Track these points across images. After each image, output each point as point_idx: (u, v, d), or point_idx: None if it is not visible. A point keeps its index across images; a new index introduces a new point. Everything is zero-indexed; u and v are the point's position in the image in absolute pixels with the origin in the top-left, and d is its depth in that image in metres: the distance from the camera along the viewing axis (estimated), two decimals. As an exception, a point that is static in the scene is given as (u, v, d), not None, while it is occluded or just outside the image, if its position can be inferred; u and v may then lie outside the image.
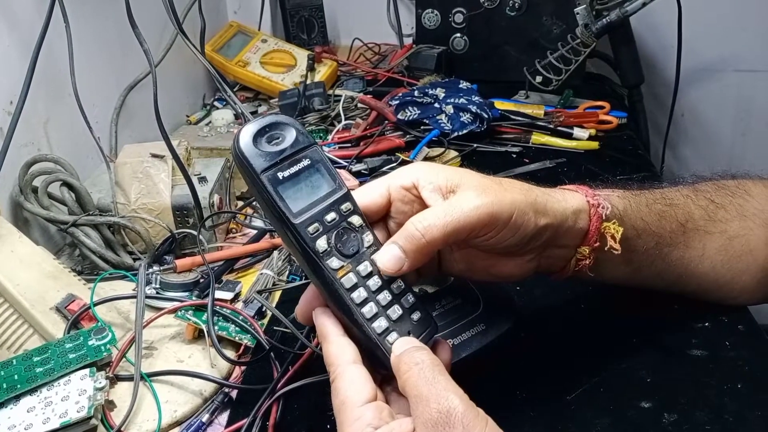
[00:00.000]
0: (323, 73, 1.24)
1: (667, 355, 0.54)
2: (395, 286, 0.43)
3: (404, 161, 0.94)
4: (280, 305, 0.66)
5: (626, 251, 0.49)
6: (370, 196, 0.45)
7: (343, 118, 1.08)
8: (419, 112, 1.02)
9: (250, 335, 0.58)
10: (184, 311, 0.59)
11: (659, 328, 0.56)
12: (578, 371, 0.52)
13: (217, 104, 1.21)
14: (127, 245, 0.73)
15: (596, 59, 1.32)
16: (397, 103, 1.05)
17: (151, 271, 0.66)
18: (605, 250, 0.48)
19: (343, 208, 0.42)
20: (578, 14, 1.09)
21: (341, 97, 1.13)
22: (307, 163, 0.42)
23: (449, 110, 1.01)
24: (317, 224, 0.41)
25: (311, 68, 1.23)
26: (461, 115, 1.00)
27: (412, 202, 0.45)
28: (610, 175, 0.89)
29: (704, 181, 0.57)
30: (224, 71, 1.22)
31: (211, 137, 0.97)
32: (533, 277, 0.50)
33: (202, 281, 0.66)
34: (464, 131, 0.99)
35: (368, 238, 0.43)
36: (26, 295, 0.57)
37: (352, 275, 0.41)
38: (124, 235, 0.73)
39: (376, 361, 0.42)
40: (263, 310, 0.63)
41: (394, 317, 0.42)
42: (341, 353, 0.41)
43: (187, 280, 0.65)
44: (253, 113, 1.15)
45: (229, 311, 0.60)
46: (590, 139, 1.00)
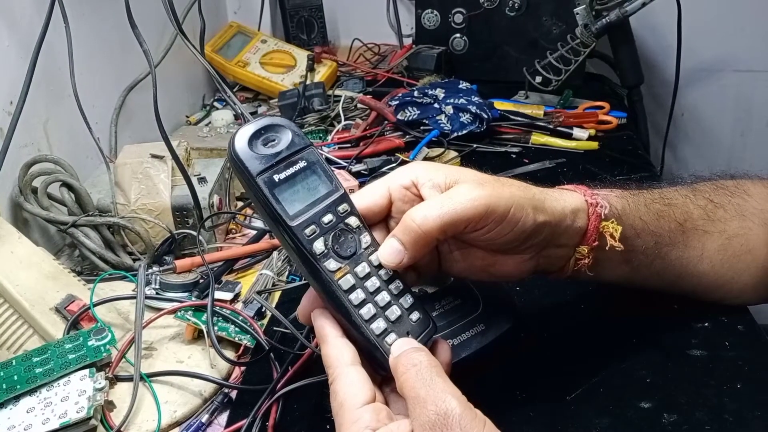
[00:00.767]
0: (323, 73, 1.24)
1: (666, 355, 0.54)
2: (393, 286, 0.43)
3: (404, 161, 0.94)
4: (279, 306, 0.66)
5: (626, 251, 0.49)
6: (370, 197, 0.45)
7: (342, 118, 1.08)
8: (419, 112, 1.02)
9: (249, 336, 0.58)
10: (183, 312, 0.59)
11: (659, 328, 0.56)
12: (578, 371, 0.52)
13: (216, 105, 1.21)
14: (126, 246, 0.73)
15: (596, 59, 1.32)
16: (396, 103, 1.05)
17: (150, 271, 0.66)
18: (605, 249, 0.48)
19: (340, 209, 0.42)
20: (578, 14, 1.09)
21: (341, 97, 1.13)
22: (303, 164, 0.42)
23: (449, 110, 1.01)
24: (314, 226, 0.41)
25: (311, 68, 1.23)
26: (461, 115, 1.00)
27: (412, 201, 0.45)
28: (609, 175, 0.89)
29: (703, 181, 0.57)
30: (224, 72, 1.22)
31: (210, 138, 0.97)
32: (532, 277, 0.50)
33: (201, 282, 0.66)
34: (464, 131, 0.99)
35: (366, 239, 0.43)
36: (26, 295, 0.57)
37: (349, 276, 0.41)
38: (123, 235, 0.73)
39: (375, 362, 0.41)
40: (263, 310, 0.63)
41: (392, 318, 0.42)
42: (340, 355, 0.41)
43: (186, 280, 0.65)
44: (252, 113, 1.15)
45: (228, 312, 0.60)
46: (590, 139, 1.00)
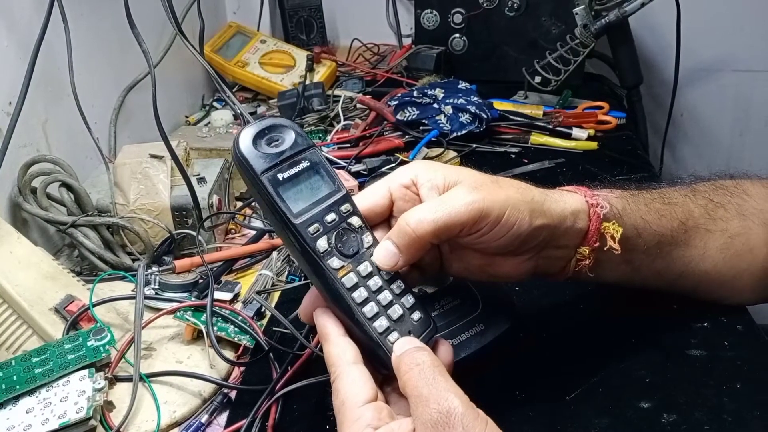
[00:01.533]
0: (322, 73, 1.24)
1: (666, 355, 0.54)
2: (395, 286, 0.43)
3: (403, 162, 0.94)
4: (279, 306, 0.66)
5: (627, 251, 0.49)
6: (372, 198, 0.45)
7: (342, 118, 1.08)
8: (418, 112, 1.02)
9: (249, 336, 0.58)
10: (183, 312, 0.59)
11: (658, 328, 0.56)
12: (577, 371, 0.52)
13: (216, 105, 1.21)
14: (126, 246, 0.73)
15: (595, 59, 1.32)
16: (396, 103, 1.05)
17: (150, 271, 0.66)
18: (605, 250, 0.48)
19: (342, 209, 0.43)
20: (577, 14, 1.09)
21: (340, 97, 1.13)
22: (306, 164, 0.42)
23: (448, 110, 1.01)
24: (317, 224, 0.41)
25: (310, 69, 1.23)
26: (460, 115, 1.00)
27: (413, 200, 0.46)
28: (609, 175, 0.89)
29: (702, 181, 0.57)
30: (223, 72, 1.22)
31: (210, 138, 0.97)
32: (532, 278, 0.50)
33: (201, 282, 0.66)
34: (463, 131, 0.99)
35: (368, 238, 0.43)
36: (25, 295, 0.57)
37: (352, 275, 0.42)
38: (123, 235, 0.73)
39: (377, 360, 0.42)
40: (262, 310, 0.63)
41: (394, 317, 0.42)
42: (342, 353, 0.41)
43: (186, 280, 0.65)
44: (252, 114, 1.15)
45: (228, 312, 0.60)
46: (589, 139, 1.00)
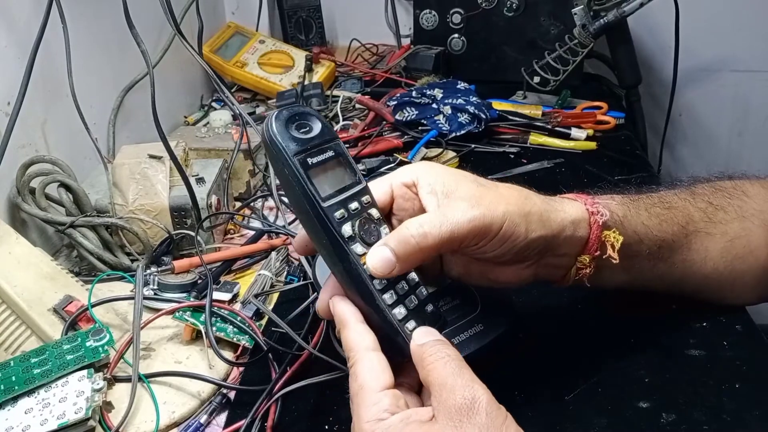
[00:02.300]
0: (321, 73, 1.24)
1: (665, 355, 0.54)
2: (410, 278, 0.44)
3: (402, 162, 0.94)
4: (277, 306, 0.66)
5: (628, 257, 0.49)
6: (374, 192, 0.46)
7: (341, 118, 1.08)
8: (417, 112, 1.02)
9: (248, 336, 0.58)
10: (182, 312, 0.59)
11: (657, 328, 0.56)
12: (576, 371, 0.52)
13: (214, 105, 1.21)
14: (124, 246, 0.73)
15: (594, 59, 1.32)
16: (395, 103, 1.05)
17: (148, 272, 0.66)
18: (604, 258, 0.48)
19: (364, 199, 0.44)
20: (576, 14, 1.09)
21: (339, 97, 1.13)
22: (332, 154, 0.43)
23: (447, 111, 1.01)
24: (343, 210, 0.42)
25: (309, 69, 1.23)
26: (459, 115, 1.00)
27: (412, 199, 0.46)
28: (608, 175, 0.89)
29: (701, 183, 0.57)
30: (222, 72, 1.21)
31: (208, 138, 0.97)
32: (532, 284, 0.50)
33: (200, 282, 0.66)
34: (462, 132, 0.99)
35: (385, 230, 0.44)
36: (24, 296, 0.57)
37: None
38: (121, 236, 0.73)
39: (395, 347, 0.42)
40: (261, 311, 0.63)
41: (411, 306, 0.43)
42: (361, 339, 0.41)
43: (185, 281, 0.65)
44: (250, 114, 1.15)
45: (227, 312, 0.60)
46: (588, 139, 1.00)
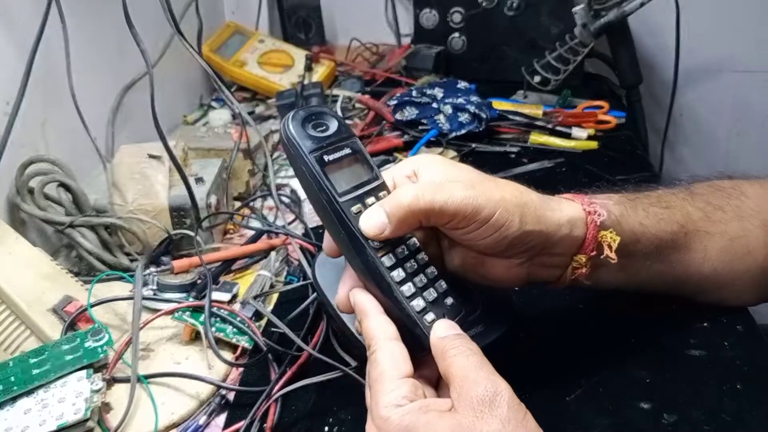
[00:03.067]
0: (321, 73, 1.24)
1: (665, 355, 0.54)
2: (429, 271, 0.45)
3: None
4: (277, 306, 0.66)
5: (625, 256, 0.49)
6: None
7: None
8: (417, 112, 1.02)
9: (247, 337, 0.58)
10: (181, 312, 0.59)
11: (658, 328, 0.56)
12: (577, 372, 0.52)
13: (214, 104, 1.21)
14: (123, 246, 0.73)
15: (594, 59, 1.32)
16: (395, 103, 1.04)
17: (148, 272, 0.65)
18: (601, 258, 0.48)
19: (381, 195, 0.44)
20: (576, 14, 1.09)
21: (339, 97, 1.13)
22: (348, 151, 0.44)
23: (447, 110, 1.01)
24: (360, 205, 0.43)
25: (309, 68, 1.23)
26: (459, 115, 1.00)
27: None
28: (608, 174, 0.88)
29: (700, 182, 0.57)
30: (221, 71, 1.21)
31: (208, 137, 0.97)
32: (528, 285, 0.50)
33: (199, 282, 0.66)
34: (462, 131, 0.99)
35: None
36: (23, 296, 0.57)
37: (391, 255, 0.43)
38: (120, 236, 0.72)
39: (414, 340, 0.42)
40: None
41: (429, 299, 0.44)
42: (383, 329, 0.42)
43: (184, 281, 0.65)
44: (250, 113, 1.15)
45: (226, 312, 0.60)
46: (589, 138, 1.00)
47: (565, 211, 0.47)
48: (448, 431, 0.36)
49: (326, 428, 0.49)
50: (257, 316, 0.63)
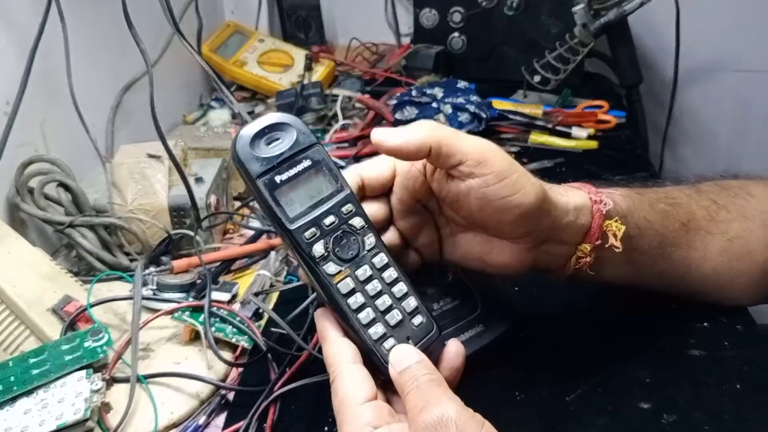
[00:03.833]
0: (321, 72, 1.24)
1: (665, 355, 0.53)
2: (397, 289, 0.42)
3: (402, 161, 0.93)
4: (277, 306, 0.66)
5: (628, 250, 0.49)
6: (375, 168, 0.46)
7: (340, 118, 1.08)
8: (417, 111, 1.02)
9: (247, 337, 0.58)
10: (180, 312, 0.59)
11: (658, 328, 0.56)
12: (577, 372, 0.52)
13: (213, 104, 1.20)
14: (123, 246, 0.73)
15: (594, 59, 1.32)
16: (395, 102, 1.04)
17: (147, 272, 0.66)
18: (605, 248, 0.48)
19: (343, 210, 0.42)
20: (576, 14, 1.09)
21: (339, 96, 1.13)
22: (307, 164, 0.41)
23: (447, 110, 1.01)
24: (314, 229, 0.41)
25: (309, 68, 1.23)
26: (459, 114, 1.00)
27: (414, 177, 0.46)
28: (609, 174, 0.88)
29: (707, 181, 0.57)
30: (221, 71, 1.21)
31: (207, 137, 0.97)
32: (531, 275, 0.50)
33: (198, 282, 0.66)
34: (462, 131, 0.99)
35: (370, 240, 0.42)
36: (23, 296, 0.57)
37: (349, 280, 0.41)
38: (120, 236, 0.72)
39: (372, 366, 0.41)
40: (260, 311, 0.63)
41: (392, 323, 0.41)
42: (340, 353, 0.40)
43: (183, 281, 0.65)
44: (250, 113, 1.15)
45: (226, 312, 0.60)
46: (589, 138, 1.00)
47: (571, 197, 0.47)
48: None
49: (326, 428, 0.49)
50: (257, 316, 0.63)
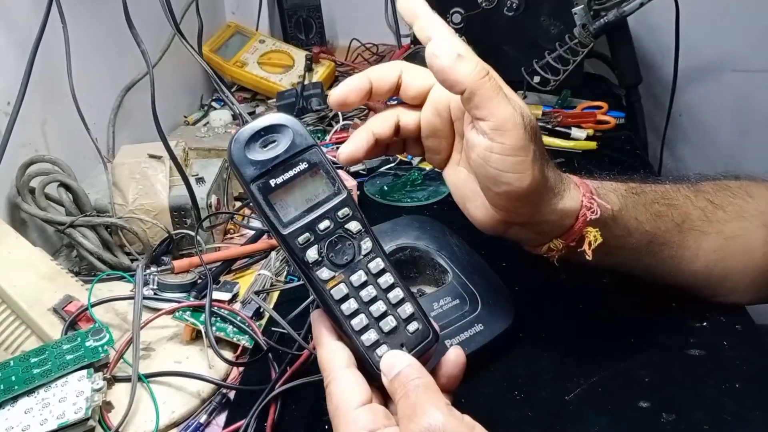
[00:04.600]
0: (321, 73, 1.24)
1: (665, 354, 0.54)
2: (392, 295, 0.42)
3: (402, 161, 0.94)
4: (277, 306, 0.66)
5: (614, 246, 0.49)
6: (382, 71, 0.48)
7: (341, 118, 1.08)
8: (417, 112, 1.02)
9: (247, 336, 0.58)
10: (181, 312, 0.59)
11: (658, 327, 0.56)
12: (576, 371, 0.52)
13: (214, 105, 1.21)
14: (124, 246, 0.73)
15: (594, 59, 1.32)
16: (395, 103, 1.04)
17: (148, 272, 0.66)
18: (579, 251, 0.48)
19: (340, 214, 0.41)
20: (576, 14, 1.09)
21: (339, 97, 1.13)
22: (303, 167, 0.40)
23: (447, 110, 1.01)
24: (308, 233, 0.40)
25: (309, 69, 1.23)
26: (459, 115, 1.00)
27: (420, 77, 0.49)
28: (608, 174, 0.88)
29: (707, 180, 0.57)
30: (222, 72, 1.21)
31: (208, 138, 0.97)
32: (535, 275, 0.50)
33: (199, 282, 0.66)
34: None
35: (366, 245, 0.42)
36: (24, 296, 0.57)
37: (342, 286, 0.40)
38: (121, 236, 0.73)
39: (365, 371, 0.41)
40: (261, 311, 0.63)
41: (386, 329, 0.41)
42: (335, 358, 0.40)
43: (184, 281, 0.65)
44: (250, 114, 1.15)
45: (226, 312, 0.60)
46: (588, 139, 1.00)
47: (567, 203, 0.46)
48: None
49: (326, 427, 0.49)
50: (257, 315, 0.63)
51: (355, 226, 0.42)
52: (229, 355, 0.58)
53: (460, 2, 1.24)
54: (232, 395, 0.55)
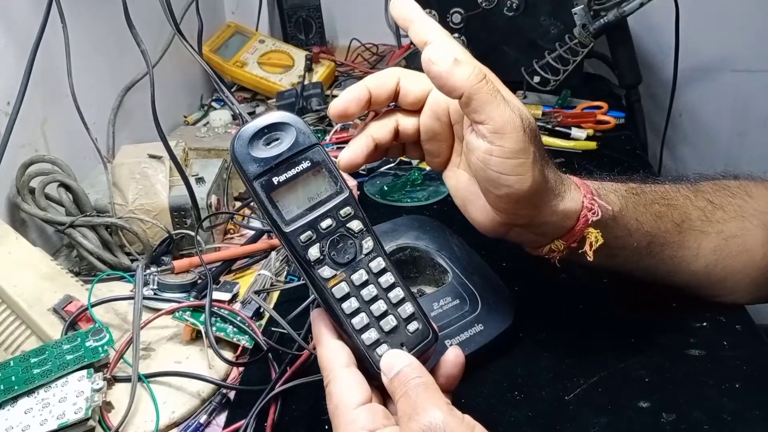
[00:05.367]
0: (321, 73, 1.24)
1: (665, 355, 0.54)
2: (393, 294, 0.42)
3: (402, 161, 0.94)
4: (277, 306, 0.66)
5: (615, 247, 0.49)
6: (380, 78, 0.47)
7: (341, 118, 1.08)
8: (417, 112, 1.02)
9: (247, 336, 0.58)
10: (181, 312, 0.59)
11: (657, 328, 0.56)
12: (576, 371, 0.52)
13: (214, 105, 1.21)
14: (124, 246, 0.73)
15: (594, 59, 1.32)
16: (395, 103, 1.04)
17: (148, 272, 0.66)
18: (579, 252, 0.48)
19: (342, 213, 0.41)
20: (576, 14, 1.09)
21: (339, 97, 1.13)
22: (306, 165, 0.41)
23: (447, 110, 1.01)
24: (310, 232, 0.40)
25: (309, 69, 1.23)
26: (459, 115, 1.00)
27: (418, 82, 0.48)
28: (608, 175, 0.89)
29: (707, 180, 0.57)
30: (222, 72, 1.21)
31: (208, 138, 0.97)
32: (534, 276, 0.50)
33: (199, 282, 0.66)
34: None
35: (368, 244, 0.42)
36: (24, 296, 0.57)
37: (343, 285, 0.41)
38: (121, 236, 0.73)
39: (365, 370, 0.41)
40: (261, 311, 0.63)
41: (386, 329, 0.41)
42: (335, 357, 0.40)
43: (184, 281, 0.65)
44: (250, 114, 1.15)
45: (226, 312, 0.60)
46: (588, 139, 1.00)
47: (567, 204, 0.46)
48: None
49: (326, 427, 0.49)
50: (257, 315, 0.63)
51: (356, 225, 0.42)
52: (229, 355, 0.58)
53: (460, 2, 1.24)
54: (232, 395, 0.55)
